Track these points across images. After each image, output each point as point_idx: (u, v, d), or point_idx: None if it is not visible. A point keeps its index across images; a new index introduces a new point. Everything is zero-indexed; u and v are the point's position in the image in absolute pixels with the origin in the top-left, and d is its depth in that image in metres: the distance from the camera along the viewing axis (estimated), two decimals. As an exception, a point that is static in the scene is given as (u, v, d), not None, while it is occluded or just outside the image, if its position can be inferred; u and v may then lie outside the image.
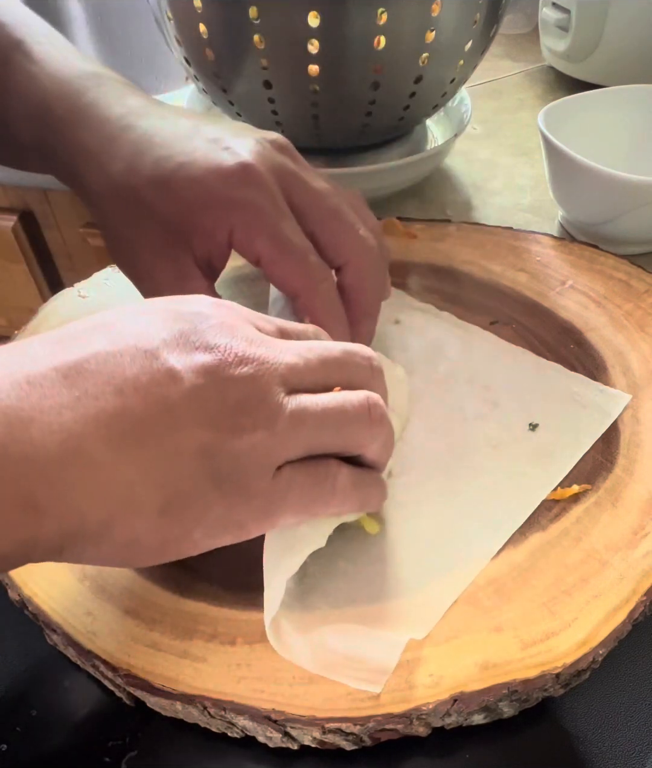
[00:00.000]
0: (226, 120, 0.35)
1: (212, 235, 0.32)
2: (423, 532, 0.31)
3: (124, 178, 0.32)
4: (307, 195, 0.32)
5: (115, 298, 0.43)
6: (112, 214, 0.33)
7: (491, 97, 0.69)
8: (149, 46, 0.89)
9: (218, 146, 0.32)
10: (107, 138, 0.33)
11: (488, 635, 0.28)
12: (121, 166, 0.32)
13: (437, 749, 0.27)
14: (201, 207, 0.31)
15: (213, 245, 0.32)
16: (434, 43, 0.44)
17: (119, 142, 0.33)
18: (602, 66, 0.65)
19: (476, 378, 0.38)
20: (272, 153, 0.32)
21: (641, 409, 0.36)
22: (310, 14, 0.42)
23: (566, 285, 0.43)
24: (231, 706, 0.26)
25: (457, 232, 0.47)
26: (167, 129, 0.33)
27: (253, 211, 0.31)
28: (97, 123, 0.34)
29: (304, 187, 0.32)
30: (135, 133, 0.33)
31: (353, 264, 0.33)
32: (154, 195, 0.32)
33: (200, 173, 0.31)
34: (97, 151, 0.33)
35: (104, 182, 0.33)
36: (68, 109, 0.34)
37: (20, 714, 0.22)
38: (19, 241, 0.76)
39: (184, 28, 0.46)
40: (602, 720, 0.28)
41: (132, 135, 0.33)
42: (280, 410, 0.24)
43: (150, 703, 0.28)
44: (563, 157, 0.45)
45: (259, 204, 0.31)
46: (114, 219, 0.34)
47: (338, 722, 0.25)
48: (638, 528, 0.31)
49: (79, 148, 0.34)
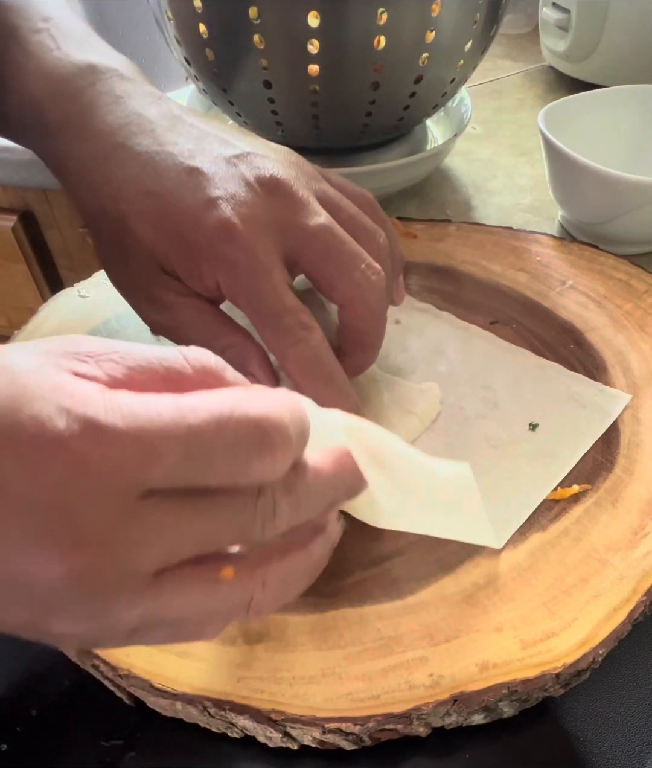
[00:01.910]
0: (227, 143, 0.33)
1: (203, 282, 0.31)
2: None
3: (113, 203, 0.32)
4: (300, 238, 0.31)
5: (115, 298, 0.43)
6: (102, 233, 0.33)
7: (491, 97, 0.69)
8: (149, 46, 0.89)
9: (205, 195, 0.31)
10: (100, 155, 0.32)
11: (488, 635, 0.28)
12: (111, 191, 0.32)
13: (437, 749, 0.27)
14: (189, 256, 0.31)
15: (205, 289, 0.32)
16: (434, 43, 0.44)
17: (111, 162, 0.32)
18: (602, 66, 0.65)
19: (476, 378, 0.38)
20: (261, 200, 0.31)
21: (641, 409, 0.36)
22: (311, 14, 0.42)
23: (566, 285, 0.43)
24: (231, 706, 0.26)
25: (457, 232, 0.47)
26: (162, 158, 0.32)
27: (232, 270, 0.30)
28: (90, 135, 0.33)
29: (296, 230, 0.31)
30: (127, 154, 0.32)
31: (350, 305, 0.32)
32: (142, 229, 0.31)
33: (187, 223, 0.30)
34: (88, 167, 0.33)
35: (95, 202, 0.33)
36: (62, 116, 0.33)
37: (20, 714, 0.22)
38: (19, 241, 0.76)
39: (184, 28, 0.46)
40: (602, 720, 0.28)
41: (124, 156, 0.32)
42: (130, 608, 0.20)
43: (150, 703, 0.28)
44: (563, 157, 0.45)
45: (237, 263, 0.30)
46: (103, 238, 0.33)
47: (338, 722, 0.25)
48: (638, 528, 0.31)
49: (73, 161, 0.33)
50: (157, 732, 0.28)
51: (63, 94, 0.34)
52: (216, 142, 0.33)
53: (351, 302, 0.32)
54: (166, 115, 0.34)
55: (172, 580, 0.20)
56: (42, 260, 0.79)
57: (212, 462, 0.19)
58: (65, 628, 0.20)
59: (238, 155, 0.32)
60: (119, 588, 0.19)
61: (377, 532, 0.31)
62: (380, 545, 0.31)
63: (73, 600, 0.19)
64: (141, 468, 0.18)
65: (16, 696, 0.29)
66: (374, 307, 0.32)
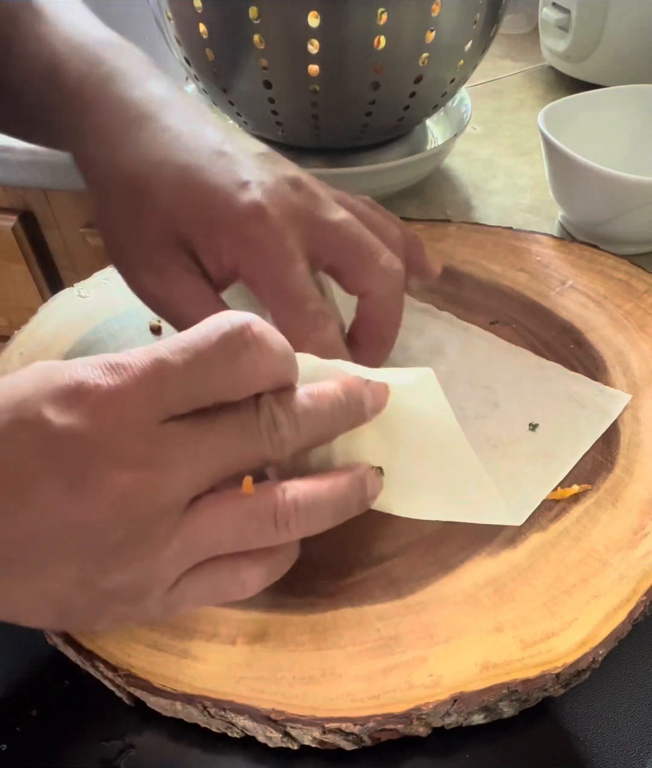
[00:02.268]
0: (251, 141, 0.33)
1: (220, 260, 0.31)
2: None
3: (135, 164, 0.31)
4: (323, 232, 0.31)
5: (115, 299, 0.43)
6: (111, 193, 0.32)
7: (491, 97, 0.69)
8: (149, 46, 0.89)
9: (237, 177, 0.31)
10: (124, 121, 0.32)
11: (488, 635, 0.28)
12: (136, 153, 0.31)
13: (437, 749, 0.27)
14: (212, 231, 0.30)
15: (219, 269, 0.31)
16: (434, 43, 0.44)
17: (134, 128, 0.31)
18: (602, 66, 0.65)
19: (476, 378, 0.38)
20: (289, 192, 0.31)
21: (641, 409, 0.36)
22: (311, 14, 0.42)
23: (566, 285, 0.43)
24: (231, 706, 0.26)
25: (456, 232, 0.47)
26: (192, 135, 0.32)
27: (259, 253, 0.30)
28: (114, 103, 0.32)
29: (319, 223, 0.31)
30: (157, 124, 0.31)
31: (371, 295, 0.32)
32: (165, 195, 0.31)
33: (217, 199, 0.30)
34: (110, 132, 0.32)
35: (108, 160, 0.32)
36: (80, 78, 0.32)
37: (20, 714, 0.22)
38: (19, 241, 0.76)
39: (184, 28, 0.46)
40: (602, 720, 0.28)
41: (153, 125, 0.31)
42: (170, 538, 0.22)
43: (150, 703, 0.28)
44: (563, 157, 0.45)
45: (265, 247, 0.30)
46: (112, 198, 0.32)
47: (338, 722, 0.25)
48: (638, 528, 0.31)
49: (90, 125, 0.32)
50: (157, 732, 0.28)
51: (84, 59, 0.33)
52: (241, 138, 0.33)
53: (372, 293, 0.32)
54: (192, 102, 0.34)
55: (203, 505, 0.23)
56: (42, 260, 0.79)
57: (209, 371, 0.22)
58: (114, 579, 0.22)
59: (264, 153, 0.33)
60: (158, 513, 0.22)
61: (377, 531, 0.31)
62: (379, 545, 0.31)
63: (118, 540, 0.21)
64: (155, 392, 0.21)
65: (16, 696, 0.29)
66: (393, 298, 0.33)
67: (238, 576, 0.24)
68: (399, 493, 0.28)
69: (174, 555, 0.22)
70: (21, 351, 0.40)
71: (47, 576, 0.21)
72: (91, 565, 0.21)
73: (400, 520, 0.31)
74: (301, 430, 0.24)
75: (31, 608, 0.23)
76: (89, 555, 0.21)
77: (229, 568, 0.24)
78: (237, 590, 0.24)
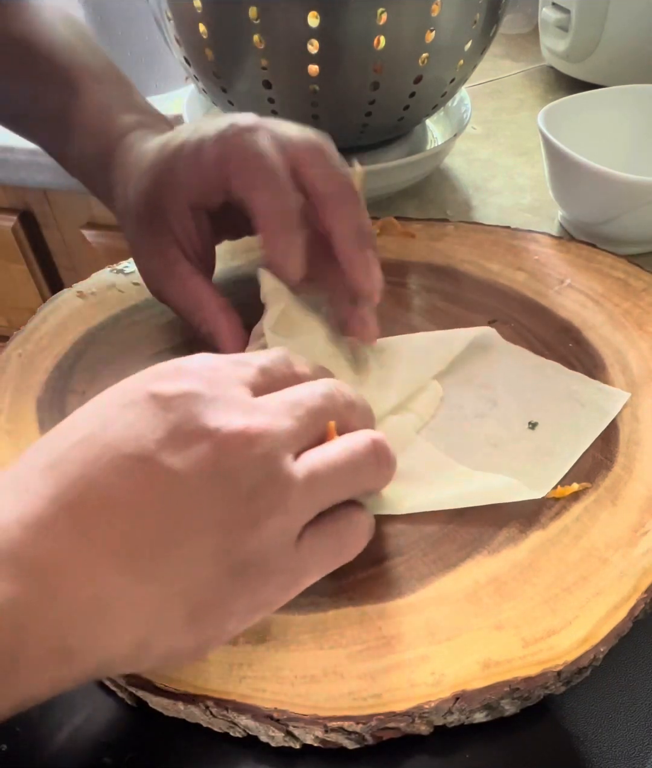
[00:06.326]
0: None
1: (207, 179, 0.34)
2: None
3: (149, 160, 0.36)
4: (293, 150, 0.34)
5: (115, 298, 0.43)
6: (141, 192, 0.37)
7: (491, 97, 0.69)
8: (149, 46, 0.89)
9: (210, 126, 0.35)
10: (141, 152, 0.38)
11: (490, 633, 0.28)
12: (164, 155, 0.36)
13: (439, 747, 0.27)
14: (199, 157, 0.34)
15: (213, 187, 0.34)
16: (434, 43, 0.45)
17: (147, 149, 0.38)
18: (602, 66, 0.65)
19: (475, 377, 0.38)
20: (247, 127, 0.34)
21: (640, 407, 0.36)
22: (310, 14, 0.42)
23: (564, 284, 0.43)
24: (233, 706, 0.26)
25: (455, 231, 0.47)
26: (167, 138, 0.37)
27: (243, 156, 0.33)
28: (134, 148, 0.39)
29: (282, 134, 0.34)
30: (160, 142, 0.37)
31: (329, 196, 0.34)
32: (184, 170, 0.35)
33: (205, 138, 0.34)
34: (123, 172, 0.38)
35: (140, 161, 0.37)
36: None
37: (20, 714, 0.22)
38: (19, 241, 0.76)
39: (184, 28, 0.46)
40: (602, 719, 0.28)
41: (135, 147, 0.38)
42: (292, 483, 0.23)
43: (152, 703, 0.28)
44: (563, 157, 0.45)
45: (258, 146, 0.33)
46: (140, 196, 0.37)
47: (341, 721, 0.25)
48: (638, 526, 0.31)
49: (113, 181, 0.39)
50: (158, 732, 0.28)
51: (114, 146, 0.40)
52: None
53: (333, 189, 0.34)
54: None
55: (309, 451, 0.25)
56: (42, 260, 0.79)
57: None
58: (248, 544, 0.23)
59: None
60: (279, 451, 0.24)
61: (378, 531, 0.31)
62: (380, 544, 0.31)
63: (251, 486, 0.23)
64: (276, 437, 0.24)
65: (17, 695, 0.29)
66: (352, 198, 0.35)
67: (353, 521, 0.26)
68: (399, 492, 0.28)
69: (300, 495, 0.23)
70: (20, 352, 0.40)
71: (189, 550, 0.22)
72: (228, 528, 0.22)
73: (400, 519, 0.31)
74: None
75: (162, 614, 0.22)
76: (225, 517, 0.22)
77: (344, 515, 0.26)
78: (354, 539, 0.26)
